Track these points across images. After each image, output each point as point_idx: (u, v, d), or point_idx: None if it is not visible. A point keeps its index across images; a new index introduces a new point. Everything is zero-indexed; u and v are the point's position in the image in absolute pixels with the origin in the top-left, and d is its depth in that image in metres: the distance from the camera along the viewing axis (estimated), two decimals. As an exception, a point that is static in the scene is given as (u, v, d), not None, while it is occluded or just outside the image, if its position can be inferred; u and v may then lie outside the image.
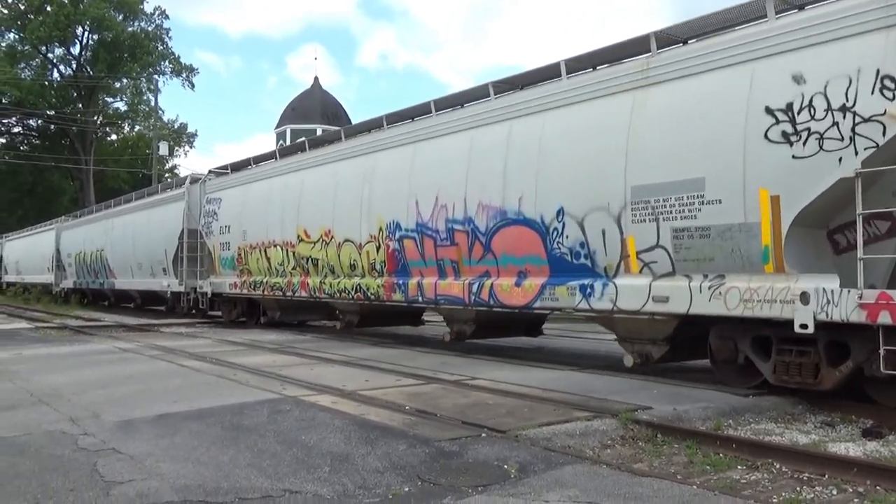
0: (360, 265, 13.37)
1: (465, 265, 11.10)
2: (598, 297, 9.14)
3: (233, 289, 18.31)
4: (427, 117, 12.42)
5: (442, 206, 11.45)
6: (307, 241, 14.93)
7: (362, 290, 13.34)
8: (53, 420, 6.80)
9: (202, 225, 19.85)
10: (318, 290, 14.65)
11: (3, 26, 49.56)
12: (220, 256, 18.88)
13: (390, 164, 12.92)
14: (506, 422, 6.46)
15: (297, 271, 15.43)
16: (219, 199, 19.16)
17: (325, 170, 14.81)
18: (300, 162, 15.95)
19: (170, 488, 4.75)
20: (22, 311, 28.46)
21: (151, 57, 51.58)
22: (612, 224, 8.92)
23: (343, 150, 14.56)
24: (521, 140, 10.31)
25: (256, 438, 6.06)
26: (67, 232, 33.04)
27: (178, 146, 59.53)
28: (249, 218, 17.37)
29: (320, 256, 14.51)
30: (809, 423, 6.94)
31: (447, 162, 11.52)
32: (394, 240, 12.49)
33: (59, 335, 17.03)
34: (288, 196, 15.84)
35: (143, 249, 23.58)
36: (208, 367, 10.53)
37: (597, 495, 4.62)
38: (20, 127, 56.37)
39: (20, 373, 10.00)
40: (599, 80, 9.44)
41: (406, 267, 12.30)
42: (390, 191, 12.70)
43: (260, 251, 16.78)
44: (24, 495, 4.64)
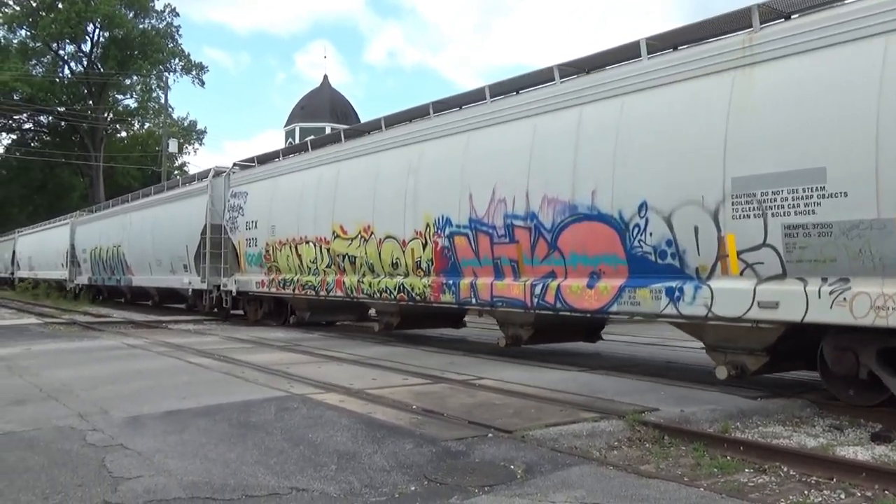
0: (404, 263, 12.50)
1: (527, 265, 10.23)
2: (689, 302, 8.22)
3: (260, 287, 17.47)
4: (480, 104, 11.54)
5: (500, 201, 10.57)
6: (344, 237, 14.08)
7: (406, 290, 12.46)
8: (62, 415, 6.83)
9: (226, 220, 19.02)
10: (356, 289, 13.77)
11: (15, 23, 49.88)
12: (245, 253, 18.03)
13: (439, 155, 12.01)
14: (512, 422, 6.46)
15: (331, 269, 14.57)
16: (244, 193, 18.33)
17: (364, 161, 13.90)
18: (335, 153, 15.04)
19: (177, 485, 4.77)
20: (31, 306, 28.61)
21: (162, 54, 51.90)
22: (707, 220, 8.00)
23: (384, 140, 13.54)
24: (593, 127, 9.42)
25: (264, 436, 6.08)
26: (82, 227, 32.33)
27: (187, 143, 59.81)
28: (279, 213, 16.49)
29: (358, 254, 13.65)
30: (818, 427, 6.91)
31: (506, 152, 10.64)
32: (443, 236, 11.60)
33: (67, 331, 17.11)
34: (322, 190, 14.97)
35: (163, 245, 22.78)
36: (216, 364, 10.57)
37: (603, 496, 4.61)
38: (31, 123, 56.86)
39: (29, 368, 10.06)
40: (690, 59, 8.47)
41: (457, 266, 11.43)
42: (439, 184, 11.81)
43: (290, 248, 15.94)
44: (34, 490, 4.67)
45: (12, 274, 44.69)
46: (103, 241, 28.56)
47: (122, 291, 29.21)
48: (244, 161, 19.56)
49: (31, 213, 55.15)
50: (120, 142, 59.77)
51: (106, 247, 28.13)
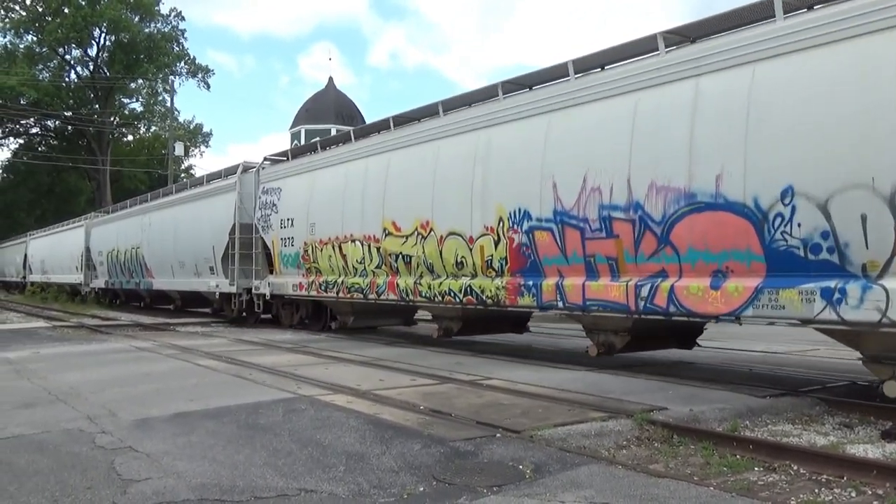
0: (471, 263, 11.25)
1: (629, 262, 9.02)
2: (855, 305, 6.92)
3: (297, 290, 16.19)
4: (562, 82, 10.26)
5: (593, 190, 9.32)
6: (396, 234, 12.85)
7: (474, 292, 11.19)
8: (71, 418, 6.85)
9: (258, 218, 17.82)
10: (413, 292, 12.52)
11: (22, 28, 50.09)
12: (280, 253, 16.79)
13: (513, 140, 10.75)
14: (521, 422, 6.44)
15: (382, 270, 13.33)
16: (278, 188, 17.09)
17: (419, 150, 12.58)
18: (384, 143, 13.72)
19: (186, 487, 4.78)
20: (40, 310, 28.72)
21: (167, 58, 52.00)
22: (881, 207, 6.72)
23: (443, 126, 12.23)
24: (715, 100, 8.17)
25: (272, 437, 6.08)
26: (98, 229, 31.10)
27: (193, 146, 60.03)
28: (318, 209, 15.27)
29: (414, 253, 12.39)
30: (827, 425, 6.88)
31: (599, 135, 9.38)
32: (520, 232, 10.37)
33: (75, 334, 17.17)
34: (370, 183, 13.72)
35: (187, 246, 21.55)
36: (224, 366, 10.58)
37: (612, 496, 4.60)
38: (38, 128, 57.07)
39: (38, 371, 10.09)
40: (849, 14, 7.10)
41: (537, 265, 10.19)
42: (514, 173, 10.57)
43: (333, 247, 14.70)
44: (43, 492, 4.68)
45: (24, 278, 43.82)
46: (121, 242, 27.46)
47: (140, 295, 28.26)
48: (275, 155, 18.52)
49: (39, 217, 55.42)
50: (126, 145, 59.99)
51: (123, 249, 27.02)
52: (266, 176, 17.90)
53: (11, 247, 49.39)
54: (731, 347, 12.51)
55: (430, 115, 12.88)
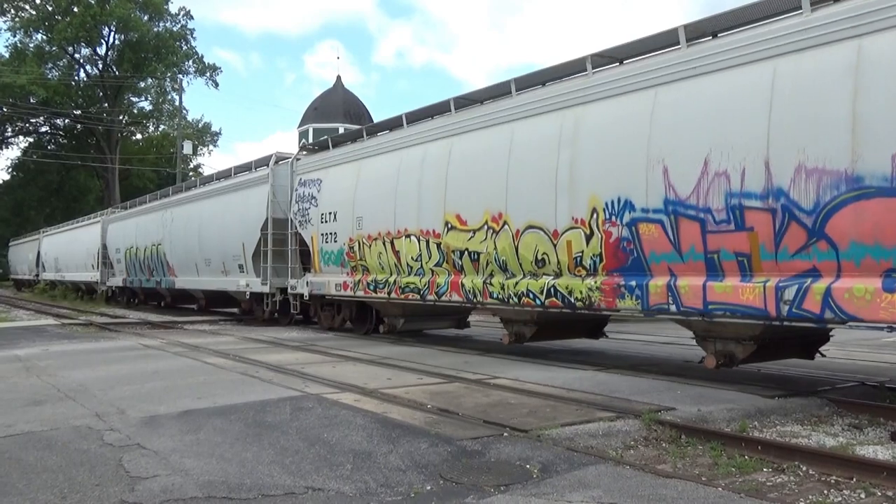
0: (554, 260, 9.97)
1: (766, 260, 7.71)
2: None
3: (341, 290, 14.83)
4: (672, 51, 8.98)
5: (717, 175, 8.05)
6: (461, 228, 11.53)
7: (558, 294, 9.90)
8: (80, 415, 6.88)
9: (294, 213, 16.54)
10: (481, 293, 11.20)
11: (32, 27, 50.39)
12: (320, 250, 15.52)
13: (607, 120, 9.48)
14: (528, 421, 6.44)
15: (443, 269, 12.02)
16: (317, 180, 15.81)
17: (488, 135, 11.30)
18: (444, 127, 12.34)
19: (194, 484, 4.79)
20: (49, 307, 28.87)
21: (176, 57, 52.20)
22: None
23: (519, 106, 10.88)
24: (887, 64, 6.82)
25: (279, 436, 6.09)
26: (115, 225, 29.79)
27: (202, 145, 60.25)
28: (366, 202, 14.00)
29: (483, 249, 11.09)
30: (836, 426, 6.84)
31: (725, 110, 8.09)
32: (619, 225, 9.11)
33: (84, 332, 17.25)
34: (428, 172, 12.39)
35: (214, 243, 20.31)
36: (231, 364, 10.61)
37: (620, 496, 4.59)
38: (47, 126, 57.42)
39: (47, 368, 10.14)
40: None
41: (642, 262, 8.93)
42: (611, 157, 9.28)
43: (383, 243, 13.41)
44: (52, 489, 4.70)
45: (37, 276, 42.99)
46: (140, 239, 26.24)
47: (160, 294, 26.97)
48: (312, 144, 17.44)
49: (48, 215, 55.76)
50: (135, 144, 60.33)
51: (143, 246, 25.82)
52: (303, 167, 16.64)
53: (24, 244, 49.10)
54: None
55: (500, 95, 11.57)
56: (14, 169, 60.63)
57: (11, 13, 50.91)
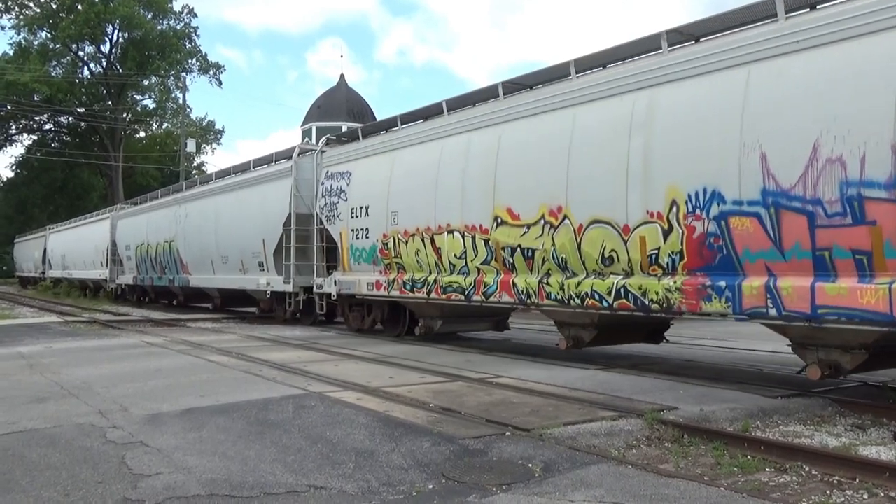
0: (624, 258, 9.11)
1: (893, 258, 6.88)
2: None
3: (374, 289, 13.89)
4: (765, 24, 8.10)
5: (829, 161, 7.17)
6: (513, 223, 10.64)
7: (630, 295, 9.04)
8: (83, 413, 6.90)
9: (320, 207, 15.66)
10: (537, 293, 10.26)
11: (36, 25, 50.48)
12: (350, 247, 14.60)
13: (689, 102, 8.56)
14: (530, 420, 6.44)
15: (491, 267, 11.12)
16: (346, 173, 14.94)
17: (546, 121, 10.35)
18: (492, 114, 11.39)
19: (196, 482, 4.80)
20: (52, 305, 28.93)
21: (180, 55, 52.24)
22: None
23: (581, 89, 9.95)
24: None
25: (281, 434, 6.10)
26: (125, 221, 28.98)
27: (205, 143, 60.34)
28: (402, 195, 13.08)
29: (539, 245, 10.19)
30: (839, 426, 6.83)
31: (838, 88, 7.16)
32: (705, 218, 8.25)
33: (87, 329, 17.28)
34: (473, 162, 11.49)
35: (231, 240, 19.50)
36: (234, 362, 10.62)
37: (622, 495, 4.58)
38: (51, 124, 57.56)
39: (50, 366, 10.17)
40: None
41: (733, 260, 8.05)
42: (694, 143, 8.38)
43: (422, 239, 12.45)
44: (55, 486, 4.72)
45: (43, 274, 42.30)
46: (151, 236, 25.47)
47: (172, 293, 26.15)
48: (339, 135, 16.62)
49: (52, 213, 55.88)
50: (139, 142, 60.45)
51: (155, 243, 25.07)
52: (330, 159, 15.72)
53: (29, 241, 48.66)
54: (740, 347, 12.45)
55: (553, 79, 10.68)
56: (18, 166, 60.88)
57: (16, 11, 51.06)
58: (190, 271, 22.70)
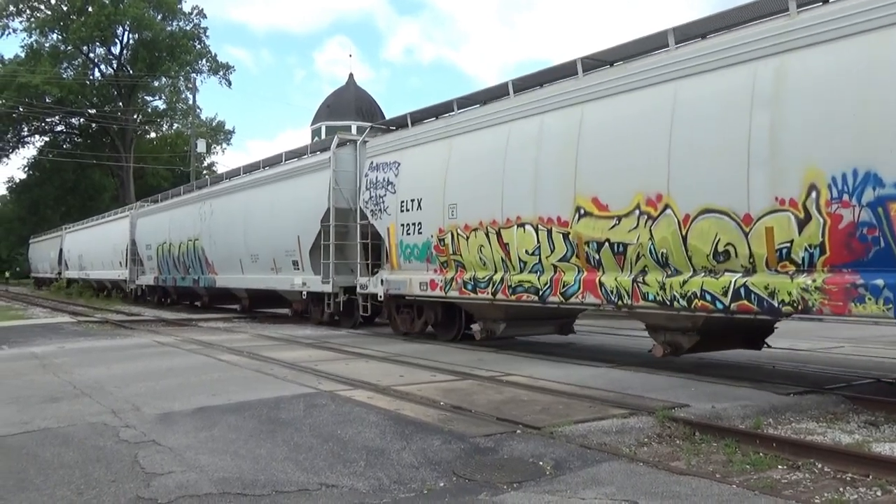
0: (745, 253, 7.97)
1: None
2: None
3: (428, 289, 12.77)
4: None
5: None
6: (599, 215, 9.56)
7: (754, 295, 7.84)
8: (96, 412, 6.94)
9: (365, 201, 14.61)
10: (629, 293, 9.20)
11: (47, 27, 50.83)
12: (399, 244, 13.56)
13: (831, 69, 7.39)
14: (541, 418, 6.43)
15: (572, 264, 10.03)
16: (394, 163, 13.90)
17: (639, 98, 9.27)
18: (571, 93, 10.27)
19: (208, 480, 4.82)
20: (64, 305, 29.11)
21: (189, 56, 52.46)
22: None
23: (687, 60, 8.79)
24: None
25: (293, 432, 6.12)
26: (145, 219, 28.12)
27: (215, 143, 60.59)
28: (460, 186, 12.07)
29: (633, 239, 9.12)
30: (852, 423, 6.79)
31: None
32: (854, 206, 7.13)
33: (100, 329, 17.38)
34: (548, 147, 10.43)
35: (262, 237, 18.57)
36: (245, 361, 10.66)
37: (634, 493, 4.57)
38: (63, 125, 57.92)
39: (63, 366, 10.23)
40: None
41: (894, 254, 6.95)
42: (838, 117, 7.26)
43: (486, 234, 11.42)
44: (69, 485, 4.75)
45: (59, 274, 41.49)
46: (174, 234, 24.55)
47: (196, 294, 25.24)
48: (383, 123, 15.46)
49: (64, 213, 56.21)
50: (149, 143, 60.76)
51: (178, 241, 24.14)
52: (375, 149, 14.65)
53: (45, 241, 48.32)
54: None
55: (644, 52, 9.65)
56: (30, 168, 61.24)
57: (27, 13, 51.42)
58: (216, 271, 21.81)
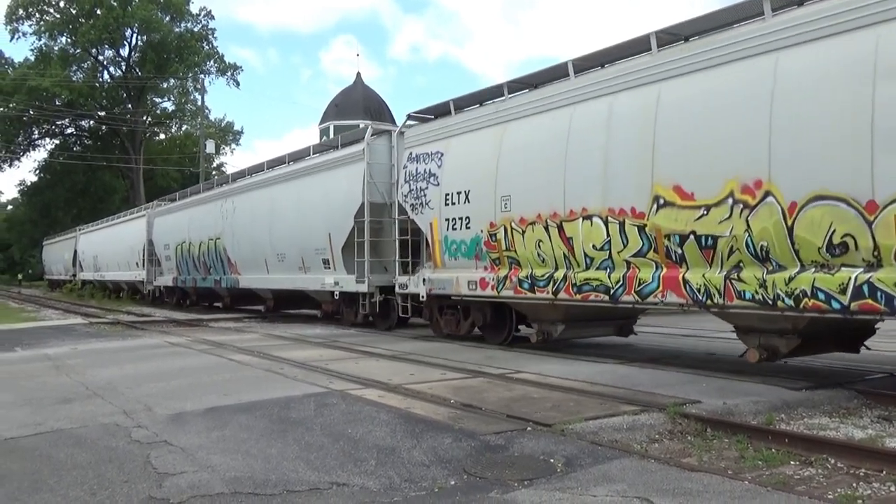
0: (868, 245, 7.03)
1: None
2: None
3: (477, 289, 11.90)
4: None
5: None
6: (683, 204, 8.67)
7: (882, 293, 6.91)
8: (108, 413, 6.98)
9: (403, 195, 13.70)
10: (721, 291, 8.29)
11: (56, 30, 51.11)
12: (444, 240, 12.65)
13: None
14: (551, 415, 6.42)
15: (648, 259, 9.18)
16: (436, 153, 12.99)
17: (726, 72, 8.36)
18: (641, 71, 9.43)
19: (220, 480, 4.84)
20: (77, 307, 29.27)
21: (197, 57, 52.64)
22: None
23: (787, 28, 7.84)
24: None
25: (304, 432, 6.13)
26: (162, 219, 27.37)
27: (224, 144, 60.79)
28: (515, 176, 11.16)
29: (725, 231, 8.19)
30: (865, 418, 6.75)
31: None
32: None
33: (112, 330, 17.47)
34: (619, 131, 9.56)
35: (289, 235, 17.74)
36: (256, 361, 10.69)
37: (645, 490, 4.56)
38: (73, 128, 58.24)
39: (76, 367, 10.29)
40: None
41: None
42: None
43: (545, 228, 10.52)
44: (82, 485, 4.77)
45: (74, 276, 41.07)
46: (194, 233, 23.71)
47: (217, 294, 24.37)
48: (423, 112, 14.09)
49: (75, 216, 56.48)
50: (158, 144, 60.99)
51: (198, 241, 23.32)
52: (414, 139, 13.77)
53: (58, 243, 48.08)
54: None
55: (732, 22, 8.75)
56: (41, 171, 61.59)
57: (36, 17, 51.69)
58: (239, 271, 21.00)
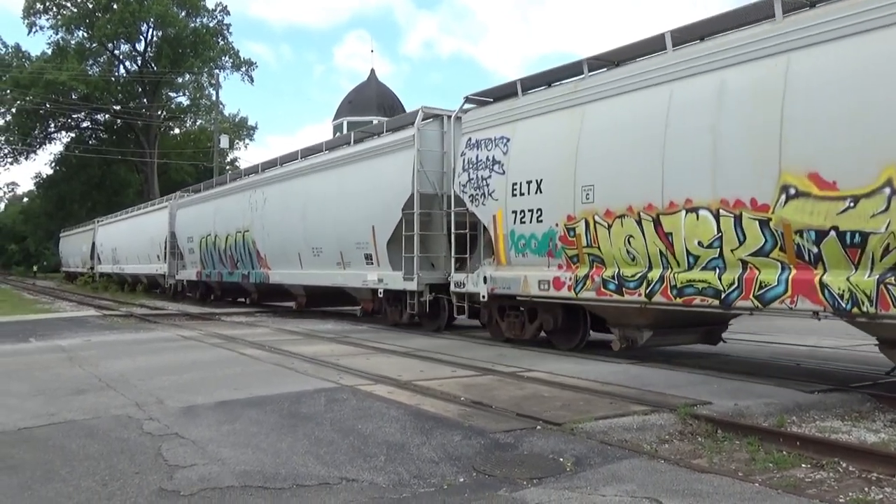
0: None
1: None
2: None
3: (550, 288, 10.79)
4: None
5: None
6: (820, 195, 7.43)
7: None
8: (120, 405, 7.03)
9: (461, 185, 12.60)
10: (873, 298, 7.03)
11: (73, 25, 51.49)
12: (510, 234, 11.55)
13: None
14: (561, 414, 6.41)
15: (771, 259, 7.99)
16: (501, 138, 11.84)
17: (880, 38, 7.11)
18: (760, 41, 8.20)
19: (230, 473, 4.86)
20: (91, 299, 29.48)
21: (212, 52, 52.88)
22: None
23: None
24: None
25: (313, 426, 6.15)
26: (186, 210, 26.30)
27: (238, 139, 61.04)
28: (598, 162, 10.05)
29: (880, 227, 6.96)
30: (878, 422, 6.70)
31: None
32: None
33: (125, 323, 17.60)
34: (732, 110, 8.38)
35: (326, 228, 16.62)
36: (267, 355, 10.73)
37: (654, 490, 4.54)
38: (88, 122, 58.72)
39: (89, 359, 10.37)
40: None
41: None
42: None
43: (638, 222, 9.41)
44: (94, 476, 4.81)
45: (92, 269, 40.33)
46: (220, 226, 22.66)
47: (243, 290, 23.30)
48: (482, 95, 12.72)
49: (90, 209, 56.88)
50: (173, 138, 61.37)
51: (224, 233, 22.35)
52: (474, 123, 12.60)
53: (76, 235, 47.78)
54: (777, 342, 12.22)
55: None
56: (57, 164, 62.04)
57: (54, 11, 52.10)
58: (269, 265, 19.92)
